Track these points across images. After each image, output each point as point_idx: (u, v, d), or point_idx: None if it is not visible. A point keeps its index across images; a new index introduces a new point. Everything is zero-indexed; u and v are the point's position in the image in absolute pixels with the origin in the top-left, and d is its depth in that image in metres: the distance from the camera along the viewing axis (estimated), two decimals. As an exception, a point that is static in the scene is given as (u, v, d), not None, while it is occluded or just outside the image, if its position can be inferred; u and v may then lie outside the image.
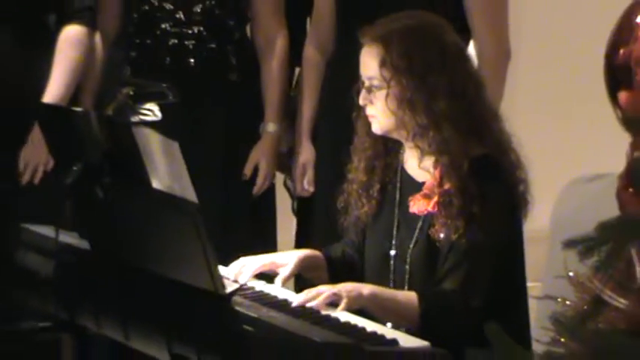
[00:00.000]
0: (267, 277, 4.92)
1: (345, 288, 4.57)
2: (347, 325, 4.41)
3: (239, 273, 4.79)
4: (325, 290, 4.53)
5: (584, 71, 3.84)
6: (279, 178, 6.21)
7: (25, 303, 4.92)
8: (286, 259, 4.90)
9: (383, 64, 4.64)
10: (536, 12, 6.37)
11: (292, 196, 6.24)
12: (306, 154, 5.96)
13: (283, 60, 6.02)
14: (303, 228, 6.11)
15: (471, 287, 4.57)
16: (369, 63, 4.70)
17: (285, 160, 6.11)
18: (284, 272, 4.81)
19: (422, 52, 4.68)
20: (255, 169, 6.00)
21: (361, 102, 4.76)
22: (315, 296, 4.50)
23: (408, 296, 4.63)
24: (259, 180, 6.00)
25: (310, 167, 5.92)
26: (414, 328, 4.54)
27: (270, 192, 6.14)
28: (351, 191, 4.95)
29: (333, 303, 4.49)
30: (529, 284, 4.66)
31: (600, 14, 4.05)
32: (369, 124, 4.82)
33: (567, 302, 3.32)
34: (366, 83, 4.70)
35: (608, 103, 3.66)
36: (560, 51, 5.57)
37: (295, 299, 4.59)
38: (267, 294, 4.70)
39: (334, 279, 4.73)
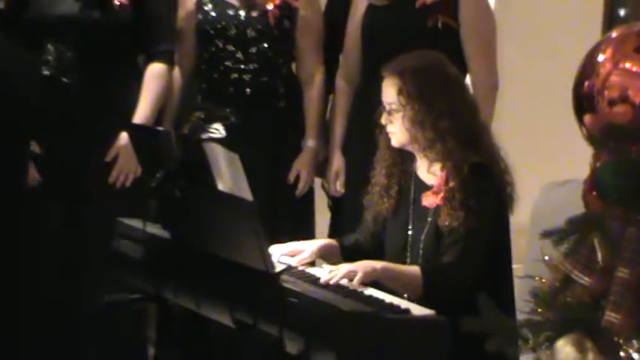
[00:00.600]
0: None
1: (361, 264, 4.61)
2: (370, 297, 4.42)
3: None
4: (345, 268, 4.55)
5: (557, 98, 3.81)
6: (318, 181, 6.17)
7: (120, 279, 4.90)
8: (306, 246, 4.92)
9: (400, 92, 4.69)
10: (518, 51, 6.33)
11: (328, 195, 6.22)
12: (338, 163, 5.97)
13: (320, 90, 6.02)
14: (336, 220, 6.09)
15: (464, 262, 4.61)
16: (389, 91, 4.74)
17: (322, 168, 6.09)
18: (302, 256, 4.84)
19: (429, 84, 4.73)
20: (298, 175, 6.00)
21: (383, 122, 4.80)
22: (337, 273, 4.52)
23: (413, 269, 4.66)
24: (301, 184, 6.01)
25: (341, 173, 5.93)
26: (419, 296, 4.57)
27: (310, 192, 6.11)
28: (375, 192, 4.97)
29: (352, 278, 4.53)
30: (514, 266, 4.64)
31: (570, 53, 4.02)
32: (389, 139, 4.84)
33: (543, 280, 3.32)
34: (387, 107, 4.74)
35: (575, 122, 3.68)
36: (537, 84, 5.55)
37: (323, 276, 4.59)
38: (307, 273, 4.69)
39: (348, 262, 4.71)
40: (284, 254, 4.85)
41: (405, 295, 4.58)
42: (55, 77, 5.75)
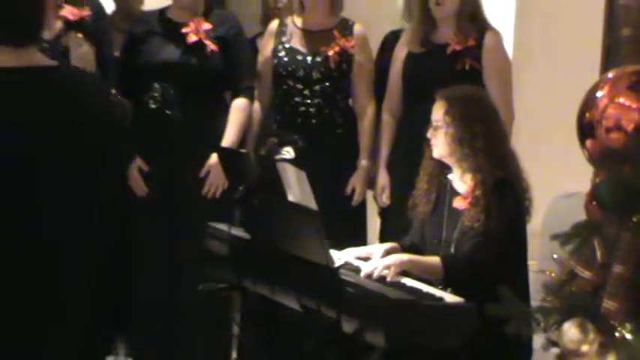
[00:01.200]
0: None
1: (392, 258, 4.62)
2: (411, 287, 4.42)
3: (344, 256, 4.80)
4: (381, 262, 4.57)
5: (564, 126, 3.77)
6: (370, 193, 6.12)
7: (211, 272, 4.88)
8: (376, 249, 4.85)
9: (446, 113, 4.69)
10: (533, 87, 6.26)
11: (378, 205, 6.17)
12: (384, 179, 5.90)
13: (371, 120, 5.96)
14: (385, 225, 6.03)
15: (477, 254, 4.58)
16: (438, 111, 4.73)
17: (372, 183, 6.04)
18: (376, 253, 4.76)
19: (470, 110, 4.73)
20: (353, 188, 5.96)
21: (428, 135, 4.79)
22: (374, 268, 4.53)
23: (434, 259, 4.66)
24: (356, 196, 5.95)
25: (387, 188, 5.87)
26: (440, 279, 4.58)
27: (363, 202, 6.06)
28: (417, 195, 4.94)
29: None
30: (529, 262, 4.57)
31: (574, 89, 4.00)
32: (431, 152, 4.81)
33: (552, 274, 3.32)
34: (434, 124, 4.73)
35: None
36: (548, 113, 5.45)
37: (364, 270, 4.60)
38: (362, 268, 4.62)
39: None
40: (356, 256, 4.82)
41: (440, 286, 4.53)
42: (160, 110, 5.76)
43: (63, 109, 3.42)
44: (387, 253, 4.77)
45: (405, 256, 4.63)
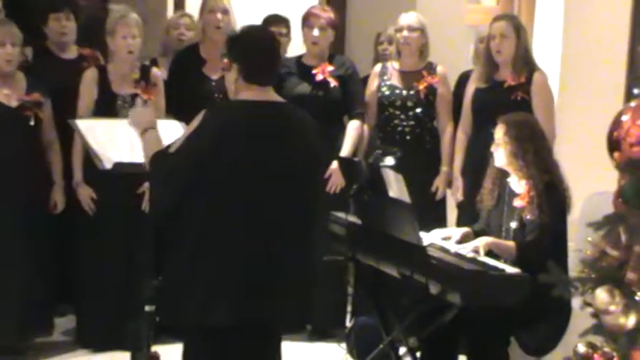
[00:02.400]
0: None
1: (480, 239, 4.58)
2: (482, 262, 4.38)
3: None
4: (472, 243, 4.55)
5: (598, 142, 3.74)
6: (449, 191, 6.08)
7: (332, 248, 4.89)
8: (455, 232, 4.82)
9: (505, 134, 4.64)
10: (572, 113, 6.19)
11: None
12: (458, 181, 5.85)
13: (450, 137, 5.91)
14: (460, 215, 5.96)
15: (539, 241, 4.50)
16: (499, 132, 4.67)
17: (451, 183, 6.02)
18: (453, 238, 4.72)
19: (522, 131, 4.65)
20: (437, 187, 5.94)
21: (492, 149, 4.73)
22: (466, 246, 4.54)
23: (511, 243, 4.57)
24: (438, 193, 5.94)
25: (460, 187, 5.82)
26: (513, 259, 4.50)
27: (444, 198, 6.04)
28: (483, 193, 4.88)
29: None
30: (569, 244, 4.51)
31: (604, 113, 3.99)
32: (494, 162, 4.76)
33: (587, 252, 3.21)
34: (496, 141, 4.68)
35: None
36: (585, 131, 5.36)
37: (455, 249, 4.57)
38: (443, 247, 4.62)
39: None
40: (441, 237, 4.78)
41: (502, 260, 4.50)
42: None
43: (294, 128, 3.87)
44: (463, 235, 4.76)
45: (490, 239, 4.59)
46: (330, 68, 5.89)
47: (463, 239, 4.72)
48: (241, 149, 3.68)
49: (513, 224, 4.69)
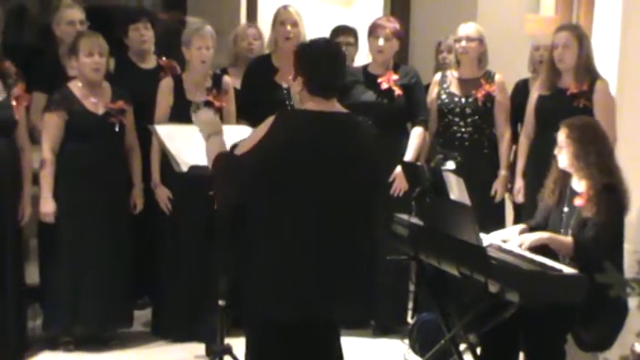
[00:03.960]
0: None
1: (538, 234, 4.59)
2: (540, 262, 4.31)
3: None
4: (529, 237, 4.57)
5: None
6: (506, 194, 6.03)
7: (396, 248, 4.96)
8: (512, 232, 4.82)
9: (567, 136, 4.61)
10: (629, 118, 6.10)
11: (512, 202, 6.08)
12: (520, 184, 5.80)
13: (508, 143, 5.90)
14: (516, 215, 5.95)
15: (597, 237, 4.43)
16: (562, 136, 4.64)
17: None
18: (512, 238, 4.71)
19: (584, 134, 4.63)
20: (496, 190, 5.92)
21: (555, 152, 4.71)
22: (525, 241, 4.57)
23: (568, 238, 4.53)
24: (497, 196, 5.90)
25: (522, 189, 5.77)
26: (570, 254, 4.47)
27: (502, 201, 6.00)
28: (545, 192, 4.84)
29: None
30: (625, 245, 4.47)
31: None
32: (557, 162, 4.72)
33: None
34: (559, 144, 4.65)
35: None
36: None
37: (515, 245, 4.60)
38: (503, 247, 4.58)
39: None
40: (501, 238, 4.75)
41: (561, 258, 4.47)
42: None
43: (354, 136, 3.88)
44: (520, 232, 4.76)
45: (546, 234, 4.57)
46: (395, 77, 5.86)
47: (522, 234, 4.71)
48: (305, 155, 3.70)
49: (572, 222, 4.64)
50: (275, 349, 3.82)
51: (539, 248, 4.50)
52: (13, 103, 5.13)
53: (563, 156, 4.66)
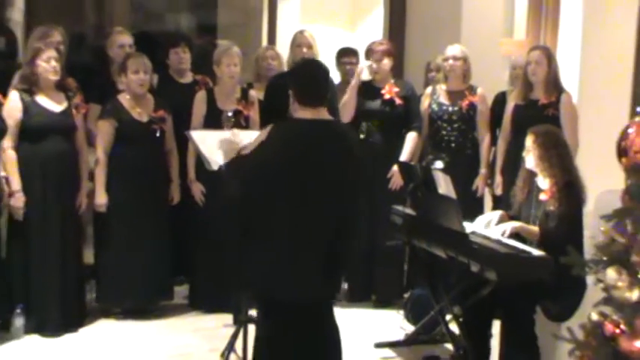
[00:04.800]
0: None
1: (512, 223, 4.53)
2: (513, 246, 4.30)
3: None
4: (507, 225, 4.50)
5: (610, 149, 3.71)
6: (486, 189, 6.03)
7: (393, 234, 4.97)
8: (494, 215, 4.75)
9: (533, 142, 4.56)
10: (589, 125, 6.11)
11: (492, 194, 6.04)
12: (498, 179, 5.79)
13: (488, 145, 5.89)
14: (497, 206, 5.85)
15: (558, 228, 4.40)
16: (529, 140, 4.59)
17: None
18: (493, 220, 4.68)
19: (547, 140, 4.57)
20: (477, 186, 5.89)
21: (524, 154, 4.66)
22: (505, 230, 4.49)
23: (535, 228, 4.50)
24: (479, 191, 5.89)
25: (500, 184, 5.76)
26: (537, 241, 4.45)
27: (481, 196, 5.99)
28: (516, 189, 4.80)
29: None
30: (585, 232, 4.44)
31: (614, 127, 3.97)
32: (525, 164, 4.69)
33: (600, 239, 3.14)
34: (527, 148, 4.61)
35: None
36: (600, 141, 5.18)
37: (493, 233, 4.53)
38: (484, 235, 4.51)
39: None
40: (482, 223, 4.69)
41: (528, 242, 4.46)
42: (366, 139, 5.71)
43: (338, 140, 3.82)
44: (500, 217, 4.72)
45: (518, 224, 4.54)
46: (396, 89, 5.84)
47: (501, 220, 4.68)
48: (297, 156, 3.68)
49: (539, 214, 4.62)
50: (276, 322, 3.81)
51: (514, 234, 4.50)
52: (74, 112, 5.17)
53: (530, 158, 4.63)
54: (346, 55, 6.50)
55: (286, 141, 3.71)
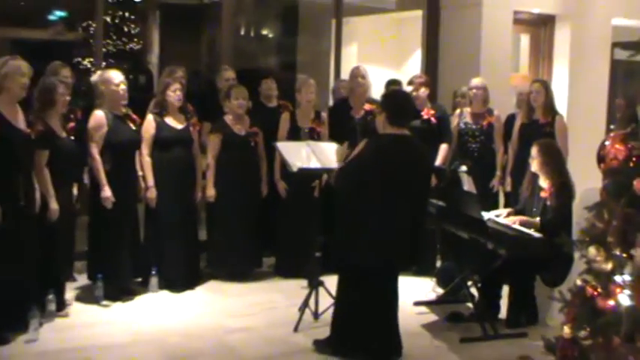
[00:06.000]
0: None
1: (516, 217, 4.51)
2: (519, 230, 4.30)
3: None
4: (514, 218, 4.47)
5: (591, 156, 3.73)
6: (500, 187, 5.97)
7: (428, 221, 4.78)
8: (503, 211, 4.75)
9: (537, 151, 4.57)
10: (577, 139, 6.04)
11: (504, 192, 6.00)
12: (508, 180, 5.71)
13: (502, 154, 5.82)
14: (508, 201, 5.86)
15: (555, 219, 4.38)
16: (534, 151, 4.60)
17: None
18: (502, 215, 4.65)
19: (546, 150, 4.57)
20: (493, 184, 5.83)
21: (530, 161, 4.65)
22: (514, 221, 4.45)
23: (537, 220, 4.47)
24: (495, 188, 5.81)
25: (510, 183, 5.71)
26: (538, 230, 4.37)
27: (497, 191, 5.91)
28: (523, 188, 4.81)
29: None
30: (573, 219, 4.42)
31: (595, 140, 3.96)
32: (530, 167, 4.68)
33: (583, 226, 3.13)
34: (532, 156, 4.61)
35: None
36: (583, 151, 5.14)
37: (502, 221, 4.48)
38: (498, 222, 4.53)
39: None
40: (495, 215, 4.68)
41: (532, 230, 4.41)
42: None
43: (414, 151, 3.85)
44: (508, 213, 4.68)
45: (524, 218, 4.51)
46: (432, 112, 5.80)
47: (508, 215, 4.67)
48: (386, 162, 3.76)
49: (540, 206, 4.62)
50: (356, 284, 3.89)
51: (521, 223, 4.48)
52: (191, 128, 5.28)
53: (535, 164, 4.62)
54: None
55: (378, 149, 3.79)
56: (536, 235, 4.29)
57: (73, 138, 4.63)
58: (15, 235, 3.97)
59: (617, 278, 2.86)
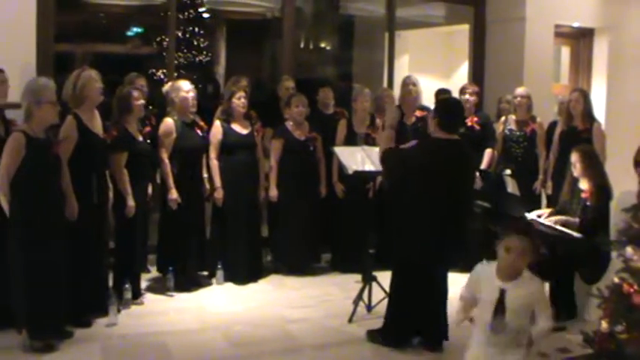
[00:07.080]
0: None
1: (558, 217, 4.44)
2: (561, 229, 4.27)
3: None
4: (557, 219, 4.40)
5: (629, 162, 3.67)
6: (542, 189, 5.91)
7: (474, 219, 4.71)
8: (545, 212, 4.66)
9: (578, 157, 4.52)
10: (615, 145, 5.93)
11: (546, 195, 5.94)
12: (549, 183, 5.66)
13: (544, 159, 5.75)
14: (549, 202, 5.73)
15: (593, 218, 4.34)
16: (574, 157, 4.52)
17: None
18: (544, 215, 4.57)
19: (586, 155, 4.52)
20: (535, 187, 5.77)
21: (571, 165, 4.57)
22: (555, 222, 4.40)
23: (577, 219, 4.41)
24: (537, 190, 5.75)
25: (551, 186, 5.63)
26: (578, 229, 4.33)
27: (539, 193, 5.82)
28: (564, 191, 4.70)
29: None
30: (611, 220, 4.38)
31: (633, 146, 3.89)
32: (571, 171, 4.59)
33: (621, 228, 3.14)
34: (573, 161, 4.52)
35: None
36: (624, 158, 4.96)
37: (545, 222, 4.42)
38: (538, 221, 4.45)
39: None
40: (537, 215, 4.60)
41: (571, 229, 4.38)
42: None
43: (461, 154, 3.83)
44: (550, 213, 4.62)
45: (564, 217, 4.47)
46: (476, 119, 5.79)
47: (550, 215, 4.61)
48: (434, 163, 3.78)
49: (579, 207, 4.57)
50: (411, 278, 3.91)
51: (562, 223, 4.45)
52: (255, 134, 5.33)
53: (576, 169, 4.58)
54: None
55: (429, 151, 3.83)
56: (576, 234, 4.26)
57: (149, 142, 4.70)
58: (90, 230, 4.07)
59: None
